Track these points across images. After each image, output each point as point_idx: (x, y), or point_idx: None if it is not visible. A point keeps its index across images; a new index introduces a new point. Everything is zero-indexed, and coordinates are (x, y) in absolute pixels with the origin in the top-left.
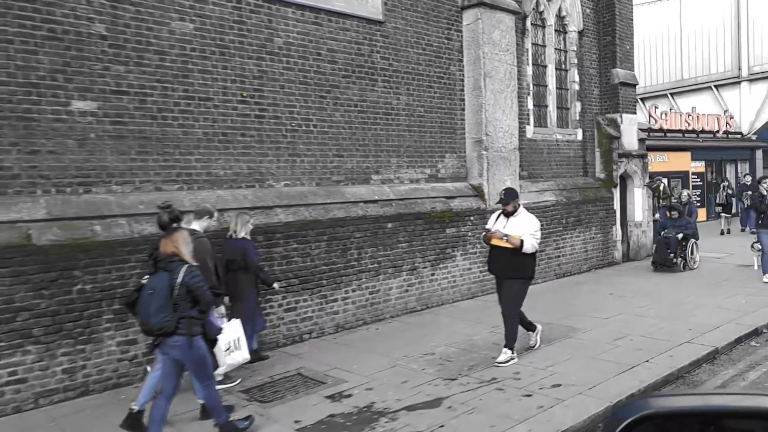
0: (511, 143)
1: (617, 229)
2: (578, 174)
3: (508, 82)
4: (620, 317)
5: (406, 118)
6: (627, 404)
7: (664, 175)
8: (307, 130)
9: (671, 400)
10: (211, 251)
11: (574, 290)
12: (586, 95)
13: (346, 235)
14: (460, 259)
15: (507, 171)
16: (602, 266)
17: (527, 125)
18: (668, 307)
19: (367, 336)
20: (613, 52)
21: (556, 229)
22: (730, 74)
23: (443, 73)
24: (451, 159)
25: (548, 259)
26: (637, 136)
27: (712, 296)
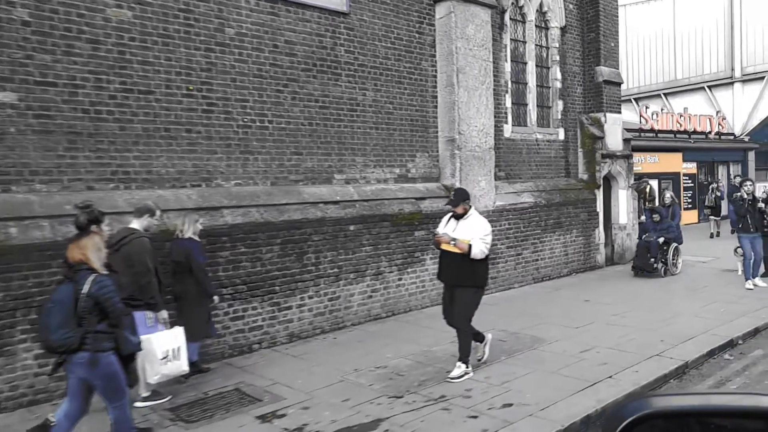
0: (486, 142)
1: (600, 232)
2: (560, 175)
3: (483, 78)
4: (592, 326)
5: (374, 114)
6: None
7: (654, 177)
8: (262, 126)
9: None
10: (152, 251)
11: (549, 296)
12: (569, 93)
13: (303, 237)
14: (431, 263)
15: (481, 171)
16: (584, 270)
17: (505, 124)
18: (643, 316)
19: (322, 346)
20: (597, 49)
21: (534, 232)
22: (723, 75)
23: (414, 69)
24: (422, 158)
25: (525, 263)
26: (622, 136)
27: (691, 304)
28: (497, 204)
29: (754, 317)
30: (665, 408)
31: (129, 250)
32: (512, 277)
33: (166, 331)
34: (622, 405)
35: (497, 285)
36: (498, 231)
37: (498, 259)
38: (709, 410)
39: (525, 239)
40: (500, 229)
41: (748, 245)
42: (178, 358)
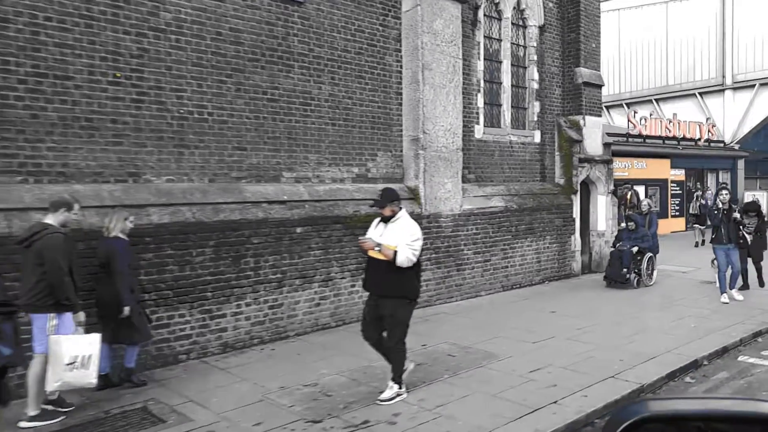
0: (453, 143)
1: (576, 239)
2: (535, 179)
3: (452, 76)
4: (551, 342)
5: (330, 110)
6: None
7: (641, 183)
8: (200, 118)
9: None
10: (67, 249)
11: (515, 306)
12: (547, 95)
13: (241, 240)
14: None
15: (448, 173)
16: (558, 278)
17: (476, 124)
18: (608, 331)
19: (257, 358)
20: (578, 50)
21: (504, 238)
22: (715, 82)
23: (377, 63)
24: (384, 158)
25: (494, 270)
26: (602, 140)
27: (661, 318)
28: (464, 208)
29: (724, 334)
30: (664, 412)
31: (40, 246)
32: (479, 284)
33: (81, 336)
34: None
35: (463, 293)
36: (465, 236)
37: (464, 266)
38: (708, 415)
39: (494, 245)
40: (467, 234)
41: (723, 257)
42: (87, 367)
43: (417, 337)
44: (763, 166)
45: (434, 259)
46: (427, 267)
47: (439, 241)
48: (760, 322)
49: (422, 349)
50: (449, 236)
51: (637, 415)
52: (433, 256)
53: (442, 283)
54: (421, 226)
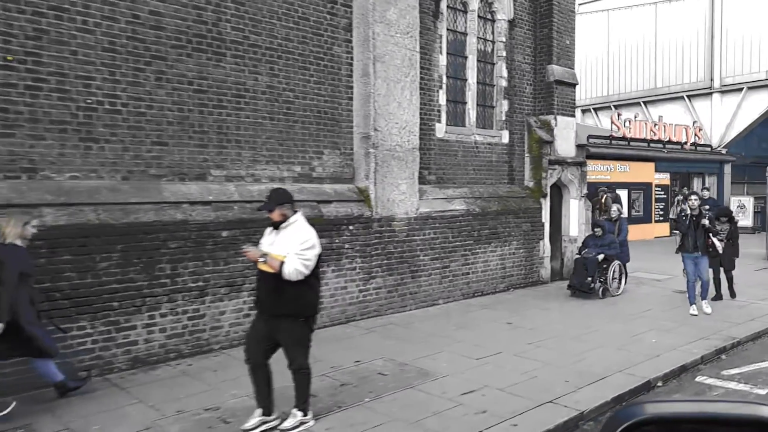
0: (408, 142)
1: (545, 245)
2: (502, 181)
3: (408, 70)
4: (496, 358)
5: (268, 103)
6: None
7: (624, 186)
8: (113, 109)
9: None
10: None
11: (471, 316)
12: (516, 93)
13: (155, 244)
14: (332, 276)
15: (403, 174)
16: (525, 285)
17: (437, 122)
18: (561, 346)
19: (168, 375)
20: (550, 47)
21: (465, 243)
22: (703, 84)
23: (324, 54)
24: (332, 156)
25: (454, 277)
26: (575, 142)
27: (620, 332)
28: (421, 211)
29: (685, 351)
30: (662, 414)
31: None
32: (437, 292)
33: None
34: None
35: (418, 301)
36: (421, 241)
37: (420, 273)
38: (706, 418)
39: (454, 250)
40: (424, 238)
41: (691, 266)
42: None
43: (353, 352)
44: (751, 171)
45: (386, 266)
46: (377, 274)
47: (391, 246)
48: (726, 338)
49: (353, 367)
50: (403, 241)
51: (635, 417)
52: (384, 262)
53: (394, 291)
54: (371, 230)
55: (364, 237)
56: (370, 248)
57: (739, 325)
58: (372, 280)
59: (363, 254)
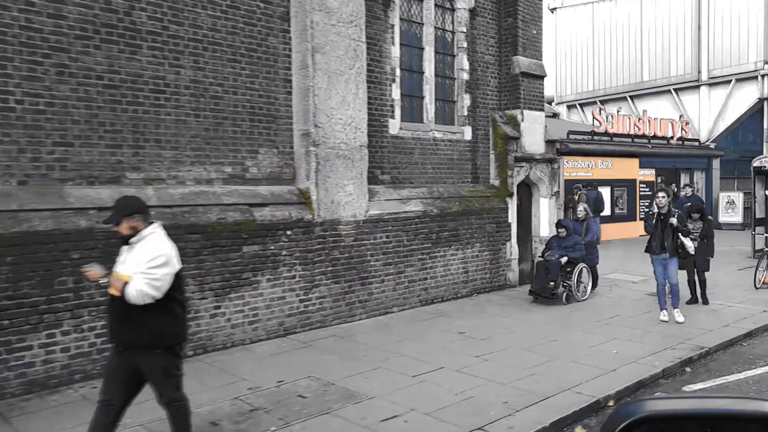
0: (355, 139)
1: (513, 246)
2: (465, 180)
3: (352, 62)
4: (436, 374)
5: (193, 99)
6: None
7: (606, 183)
8: (4, 106)
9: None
10: None
11: (423, 325)
12: (479, 87)
13: (55, 256)
14: (267, 286)
15: (349, 173)
16: (491, 289)
17: (391, 118)
18: (511, 359)
19: (64, 401)
20: (515, 37)
21: (422, 246)
22: (690, 77)
23: (258, 45)
24: (269, 155)
25: (409, 283)
26: (544, 137)
27: (580, 342)
28: (371, 213)
29: (646, 364)
30: (664, 411)
31: None
32: (390, 299)
33: None
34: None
35: (369, 310)
36: (372, 245)
37: (371, 279)
38: (708, 414)
39: (410, 254)
40: (375, 242)
41: (660, 269)
42: None
43: (280, 370)
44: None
45: (331, 273)
46: (321, 282)
47: (337, 252)
48: (694, 347)
49: (274, 388)
50: (351, 246)
51: (636, 414)
52: (329, 269)
53: (341, 300)
54: (313, 235)
55: (305, 242)
56: (313, 254)
57: (711, 332)
58: (315, 288)
59: (304, 261)
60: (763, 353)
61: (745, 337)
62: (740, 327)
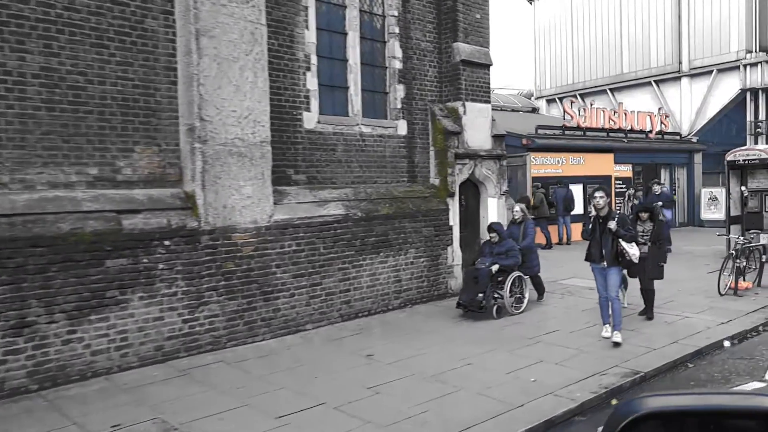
0: (254, 134)
1: (455, 251)
2: (400, 180)
3: (249, 47)
4: (308, 414)
5: (44, 89)
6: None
7: (578, 180)
8: None
9: (673, 399)
10: None
11: (330, 347)
12: (415, 77)
13: None
14: (140, 305)
15: (246, 173)
16: (429, 299)
17: (305, 111)
18: (408, 391)
19: None
20: (455, 21)
21: (344, 254)
22: (671, 69)
23: (131, 28)
24: (147, 154)
25: (327, 296)
26: (491, 132)
27: (498, 367)
28: (278, 218)
29: (563, 397)
30: (666, 407)
31: None
32: (303, 315)
33: None
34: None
35: (275, 328)
36: (278, 254)
37: (277, 294)
38: (710, 410)
39: (328, 264)
40: (282, 251)
41: (601, 279)
42: None
43: (126, 409)
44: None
45: (224, 288)
46: (211, 299)
47: (232, 264)
48: (629, 372)
49: None
50: (251, 256)
51: (639, 411)
52: (221, 283)
53: (237, 318)
54: (200, 245)
55: (188, 254)
56: (200, 267)
57: (653, 352)
58: (203, 306)
59: (188, 275)
60: (708, 378)
61: (693, 357)
62: (690, 344)
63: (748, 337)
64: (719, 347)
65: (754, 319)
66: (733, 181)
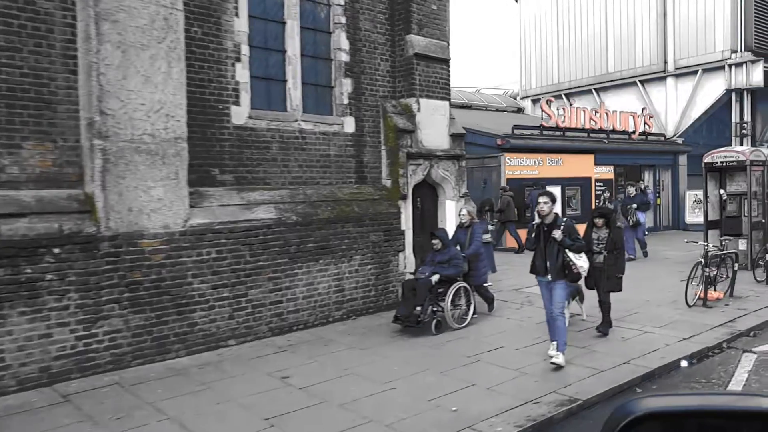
0: (167, 130)
1: (407, 258)
2: (347, 181)
3: (162, 34)
4: None
5: None
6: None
7: (556, 182)
8: None
9: (672, 399)
10: None
11: (247, 366)
12: (365, 70)
13: None
14: (21, 321)
15: (156, 173)
16: (377, 310)
17: (234, 105)
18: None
19: None
20: (408, 12)
21: (275, 262)
22: (656, 68)
23: (19, 10)
24: (40, 151)
25: (255, 308)
26: (449, 131)
27: (423, 391)
28: (195, 222)
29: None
30: (664, 408)
31: None
32: (224, 330)
33: None
34: (621, 405)
35: (190, 345)
36: (195, 263)
37: (193, 307)
38: (709, 411)
39: (255, 273)
40: (201, 259)
41: (546, 294)
42: None
43: None
44: None
45: (128, 301)
46: (112, 313)
47: (138, 273)
48: (564, 401)
49: None
50: (161, 265)
51: (637, 411)
52: (125, 296)
53: (145, 333)
54: (98, 253)
55: (84, 263)
56: (98, 278)
57: (601, 374)
58: (102, 321)
59: (84, 287)
60: None
61: (644, 380)
62: (642, 365)
63: (709, 356)
64: (675, 368)
65: (719, 335)
66: (711, 184)
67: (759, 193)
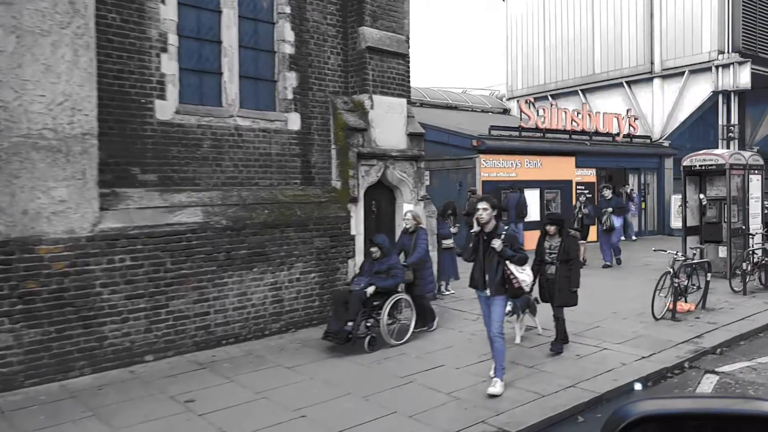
0: (74, 125)
1: (357, 265)
2: (291, 182)
3: (67, 19)
4: None
5: None
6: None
7: (534, 185)
8: None
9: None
10: None
11: (155, 386)
12: (312, 64)
13: None
14: None
15: (59, 172)
16: (321, 321)
17: (159, 99)
18: None
19: None
20: (361, 2)
21: (201, 270)
22: (643, 69)
23: None
24: None
25: (176, 320)
26: (406, 130)
27: (341, 418)
28: (106, 227)
29: None
30: (663, 411)
31: None
32: (139, 345)
33: None
34: (620, 407)
35: (98, 362)
36: (105, 271)
37: (103, 319)
38: (707, 414)
39: (178, 282)
40: (111, 267)
41: (486, 310)
42: None
43: None
44: None
45: (20, 314)
46: (1, 327)
47: (34, 283)
48: None
49: None
50: (64, 273)
51: (636, 414)
52: (17, 308)
53: (42, 350)
54: None
55: None
56: None
57: (541, 399)
58: None
59: None
60: None
61: (588, 407)
62: (590, 389)
63: (667, 377)
64: (628, 391)
65: (681, 353)
66: (691, 188)
67: (739, 199)
